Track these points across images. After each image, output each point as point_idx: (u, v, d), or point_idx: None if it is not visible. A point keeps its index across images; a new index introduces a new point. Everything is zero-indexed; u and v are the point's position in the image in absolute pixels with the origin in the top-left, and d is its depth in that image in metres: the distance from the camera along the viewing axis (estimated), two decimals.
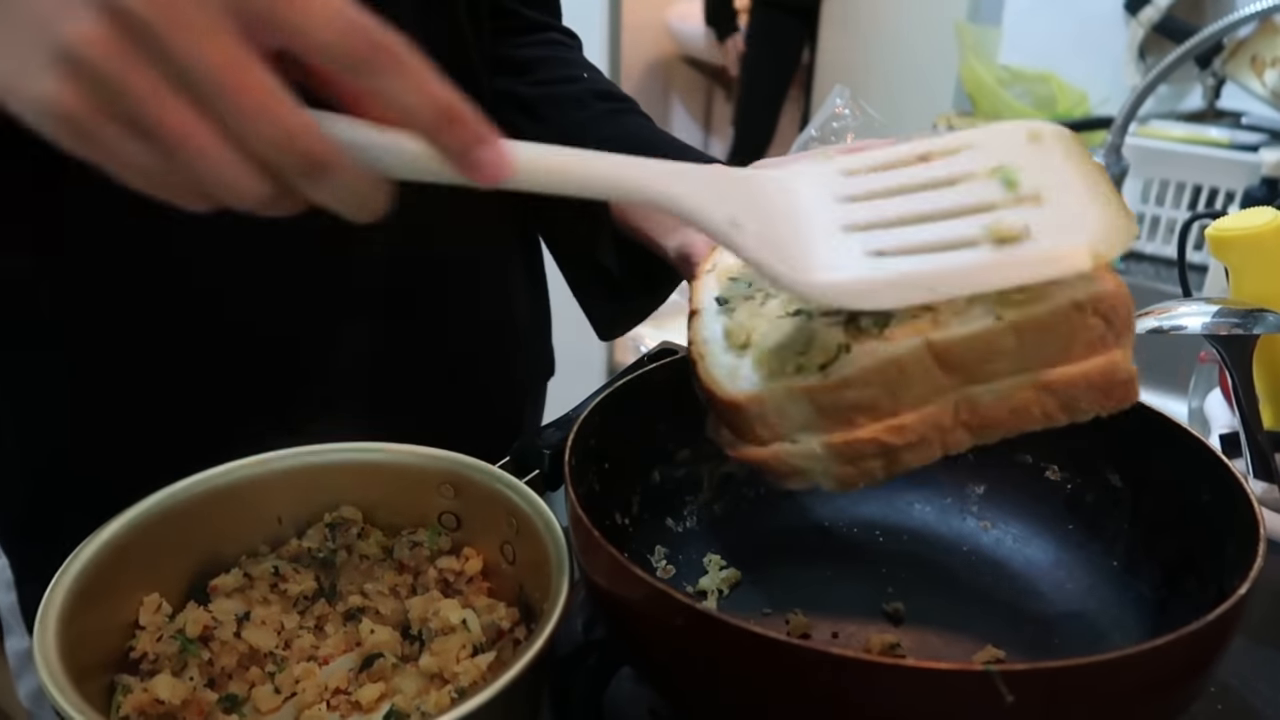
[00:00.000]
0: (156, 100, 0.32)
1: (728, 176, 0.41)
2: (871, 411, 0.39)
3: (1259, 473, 0.69)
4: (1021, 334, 0.38)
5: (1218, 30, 1.08)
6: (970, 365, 0.39)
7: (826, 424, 0.40)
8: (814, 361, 0.41)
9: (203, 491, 0.56)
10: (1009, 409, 0.39)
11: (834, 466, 0.40)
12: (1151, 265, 1.48)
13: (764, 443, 0.42)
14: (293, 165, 0.34)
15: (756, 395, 0.41)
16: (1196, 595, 0.50)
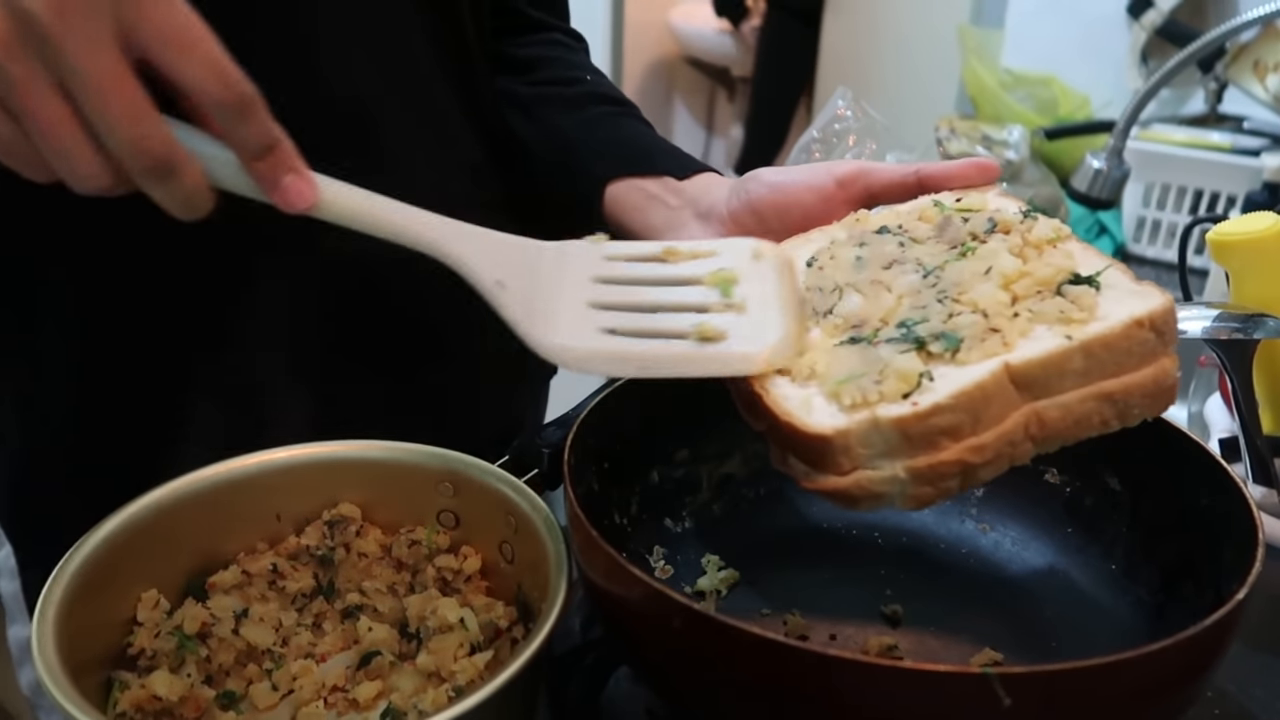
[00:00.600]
0: (35, 91, 0.38)
1: (504, 242, 0.49)
2: (955, 434, 0.41)
3: (1258, 477, 0.69)
4: (1090, 352, 0.41)
5: (1220, 35, 1.08)
6: (1042, 383, 0.41)
7: (911, 449, 0.41)
8: (894, 390, 0.41)
9: (202, 488, 0.56)
10: (1073, 420, 0.42)
11: (912, 488, 0.42)
12: (1152, 269, 1.48)
13: (845, 472, 0.42)
14: (141, 168, 0.40)
15: (843, 429, 0.41)
16: (1194, 600, 0.50)
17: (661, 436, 0.62)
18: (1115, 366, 0.41)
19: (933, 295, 0.46)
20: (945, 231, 0.50)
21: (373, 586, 0.57)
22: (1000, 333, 0.42)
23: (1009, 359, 0.41)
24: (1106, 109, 1.69)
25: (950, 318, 0.44)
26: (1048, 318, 0.43)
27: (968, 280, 0.46)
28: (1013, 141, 1.55)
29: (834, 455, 0.42)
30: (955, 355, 0.42)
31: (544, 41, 0.80)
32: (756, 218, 0.58)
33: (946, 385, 0.41)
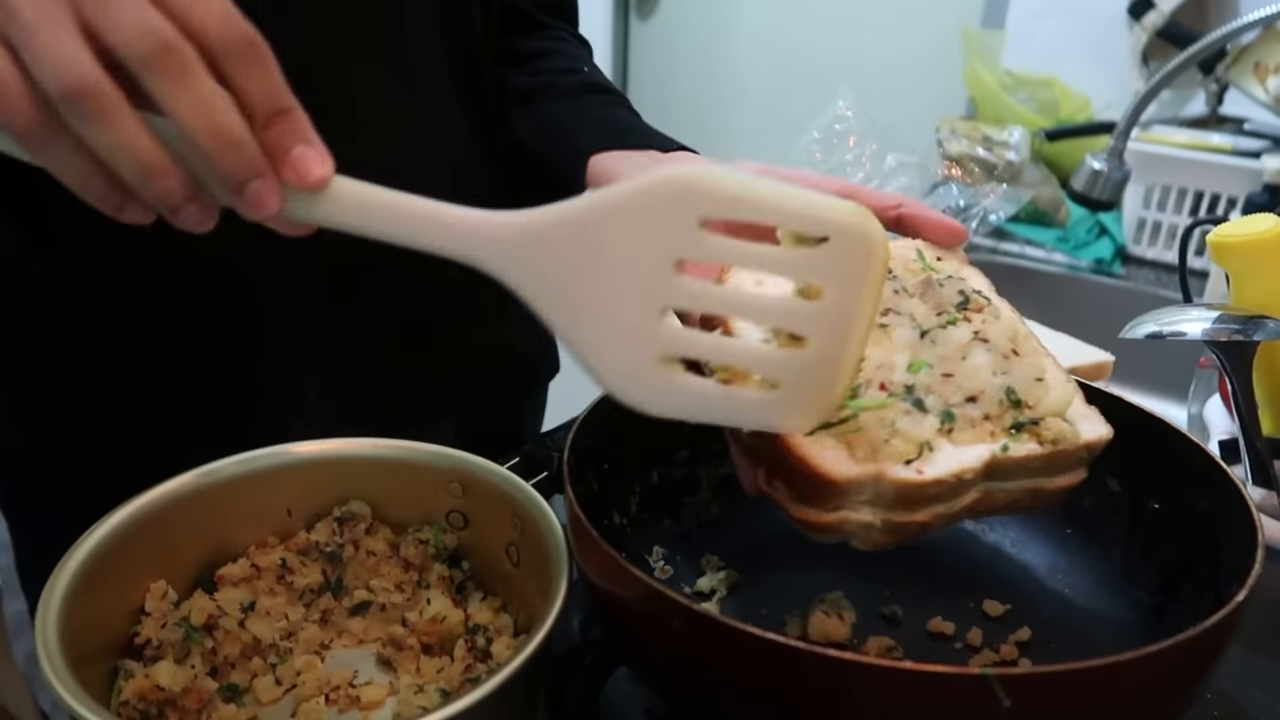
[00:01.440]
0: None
1: (526, 234, 0.40)
2: (934, 501, 0.46)
3: (1258, 479, 0.69)
4: (1049, 462, 0.47)
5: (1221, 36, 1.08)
6: (1003, 474, 0.47)
7: (897, 506, 0.45)
8: (899, 451, 0.45)
9: (214, 481, 0.57)
10: (1007, 501, 0.48)
11: (878, 534, 0.46)
12: (1152, 270, 1.48)
13: (830, 511, 0.45)
14: (60, 85, 0.35)
15: (855, 478, 0.44)
16: (1194, 601, 0.50)
17: (661, 436, 0.62)
18: (1054, 471, 0.48)
19: (928, 357, 0.49)
20: (928, 293, 0.53)
21: (380, 584, 0.58)
22: (991, 421, 0.47)
23: (996, 452, 0.46)
24: (1107, 110, 1.69)
25: (947, 393, 0.48)
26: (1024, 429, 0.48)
27: (954, 357, 0.50)
28: (1013, 142, 1.55)
29: (829, 497, 0.45)
30: (950, 433, 0.47)
31: (549, 38, 0.82)
32: None
33: (944, 460, 0.45)
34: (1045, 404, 0.48)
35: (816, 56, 2.30)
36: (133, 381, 0.70)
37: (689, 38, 2.51)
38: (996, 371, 0.49)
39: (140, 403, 0.70)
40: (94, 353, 0.69)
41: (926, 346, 0.50)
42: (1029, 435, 0.47)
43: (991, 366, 0.49)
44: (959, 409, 0.47)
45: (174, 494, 0.55)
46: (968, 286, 0.54)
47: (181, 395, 0.71)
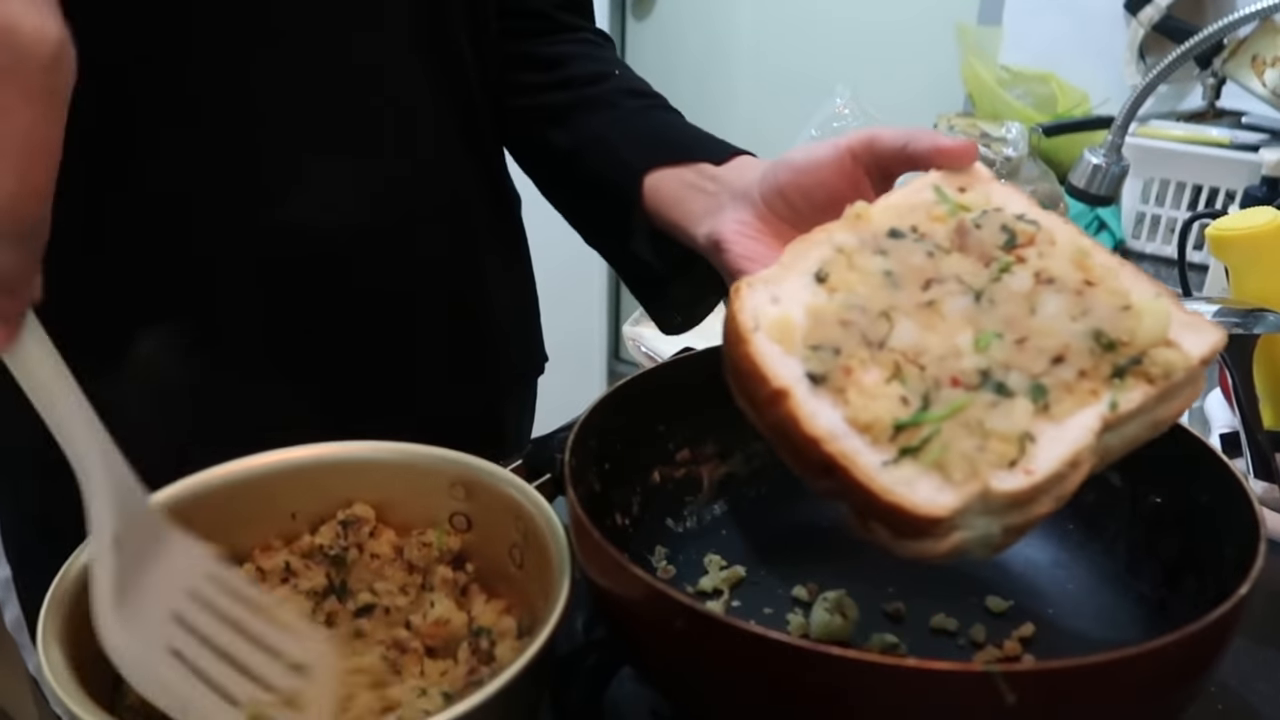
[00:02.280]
0: None
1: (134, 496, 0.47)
2: (1050, 491, 0.41)
3: (1259, 472, 0.69)
4: (1164, 397, 0.42)
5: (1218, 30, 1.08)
6: (1117, 427, 0.42)
7: (1011, 513, 0.40)
8: (999, 456, 0.40)
9: (217, 485, 0.57)
10: (1125, 446, 0.43)
11: (999, 540, 0.41)
12: (1151, 265, 1.48)
13: (941, 539, 0.40)
14: None
15: (958, 509, 0.39)
16: (1196, 595, 0.50)
17: (662, 436, 0.62)
18: (1169, 399, 0.43)
19: (992, 324, 0.43)
20: (966, 241, 0.47)
21: (384, 588, 0.58)
22: (1088, 378, 0.42)
23: (1104, 413, 0.41)
24: (1105, 105, 1.69)
25: (1027, 363, 0.42)
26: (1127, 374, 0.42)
27: (1021, 315, 0.44)
28: (1011, 138, 1.55)
29: (939, 529, 0.40)
30: (1047, 409, 0.41)
31: (571, 40, 0.81)
32: (785, 201, 0.58)
33: (1051, 448, 0.40)
34: (1142, 334, 0.42)
35: (813, 54, 2.31)
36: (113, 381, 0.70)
37: (686, 37, 2.51)
38: (1075, 315, 0.43)
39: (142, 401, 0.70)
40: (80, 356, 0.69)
41: (986, 310, 0.44)
42: (1135, 378, 0.42)
43: (1068, 311, 0.43)
44: (1047, 377, 0.41)
45: (176, 497, 0.55)
46: (1007, 216, 0.48)
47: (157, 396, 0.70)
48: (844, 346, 0.43)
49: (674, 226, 0.66)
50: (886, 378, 0.42)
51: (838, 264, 0.47)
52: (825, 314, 0.45)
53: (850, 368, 0.42)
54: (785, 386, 0.42)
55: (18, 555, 0.78)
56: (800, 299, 0.46)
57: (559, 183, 0.81)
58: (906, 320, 0.44)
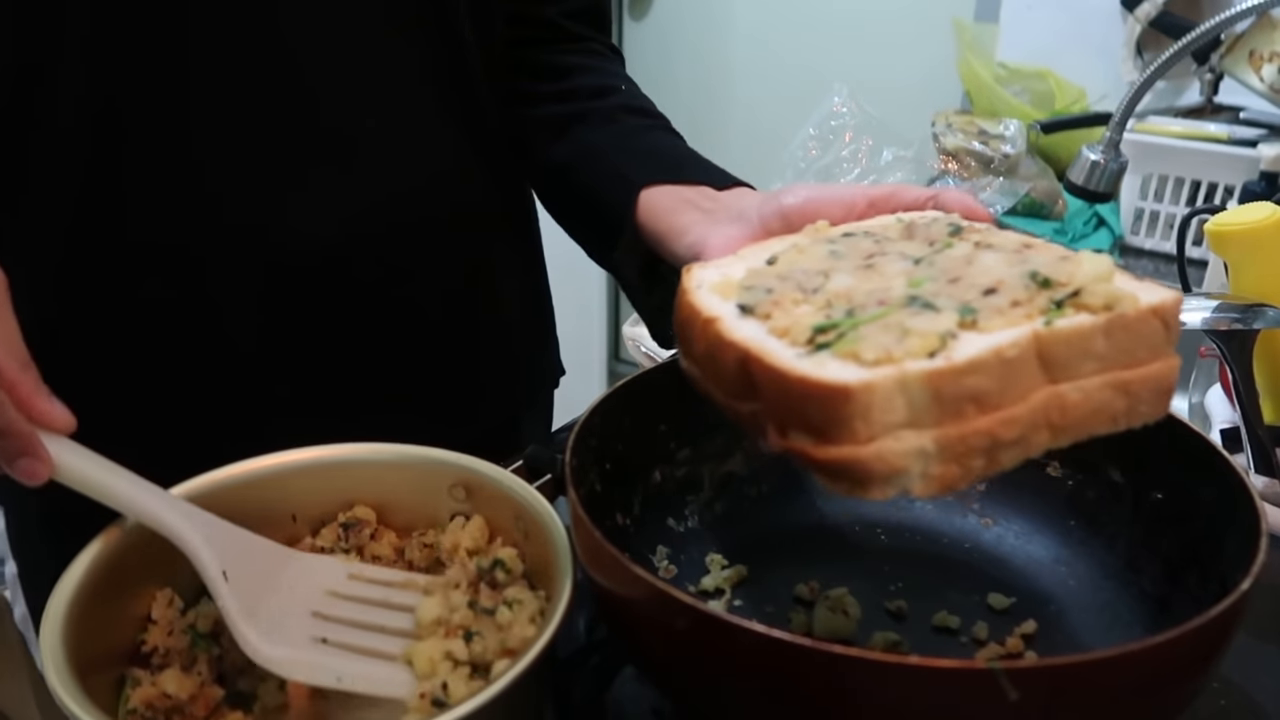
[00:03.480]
0: None
1: (244, 539, 0.53)
2: (983, 403, 0.38)
3: (1260, 468, 0.69)
4: (1111, 334, 0.39)
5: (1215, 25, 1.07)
6: (1064, 362, 0.39)
7: (940, 415, 0.38)
8: (918, 348, 0.38)
9: (218, 488, 0.57)
10: (1091, 408, 0.40)
11: (936, 466, 0.38)
12: (1150, 261, 1.48)
13: (861, 442, 0.37)
14: None
15: (868, 383, 0.36)
16: (1198, 591, 0.50)
17: (663, 436, 0.62)
18: (1130, 357, 0.40)
19: (930, 274, 0.43)
20: (914, 233, 0.49)
21: None
22: (1021, 306, 0.40)
23: (1038, 329, 0.39)
24: (1102, 102, 1.69)
25: (959, 293, 0.41)
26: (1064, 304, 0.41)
27: (958, 268, 0.44)
28: (1009, 135, 1.55)
29: (852, 419, 0.37)
30: (975, 324, 0.39)
31: (580, 50, 0.80)
32: (784, 223, 0.58)
33: (973, 345, 0.38)
34: (1082, 274, 0.41)
35: (811, 53, 2.30)
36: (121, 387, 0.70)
37: (683, 37, 2.51)
38: (1012, 265, 0.42)
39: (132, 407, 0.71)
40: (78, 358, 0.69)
41: (924, 269, 0.44)
42: (1074, 308, 0.40)
43: (1006, 261, 0.43)
44: (977, 302, 0.40)
45: None
46: (956, 218, 0.49)
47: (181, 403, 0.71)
48: (777, 289, 0.45)
49: (660, 237, 0.66)
50: (815, 308, 0.43)
51: (789, 252, 0.50)
52: (764, 272, 0.48)
53: (779, 300, 0.43)
54: (715, 315, 0.44)
55: (25, 552, 0.79)
56: (746, 269, 0.49)
57: (555, 192, 0.80)
58: (843, 274, 0.45)
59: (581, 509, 0.48)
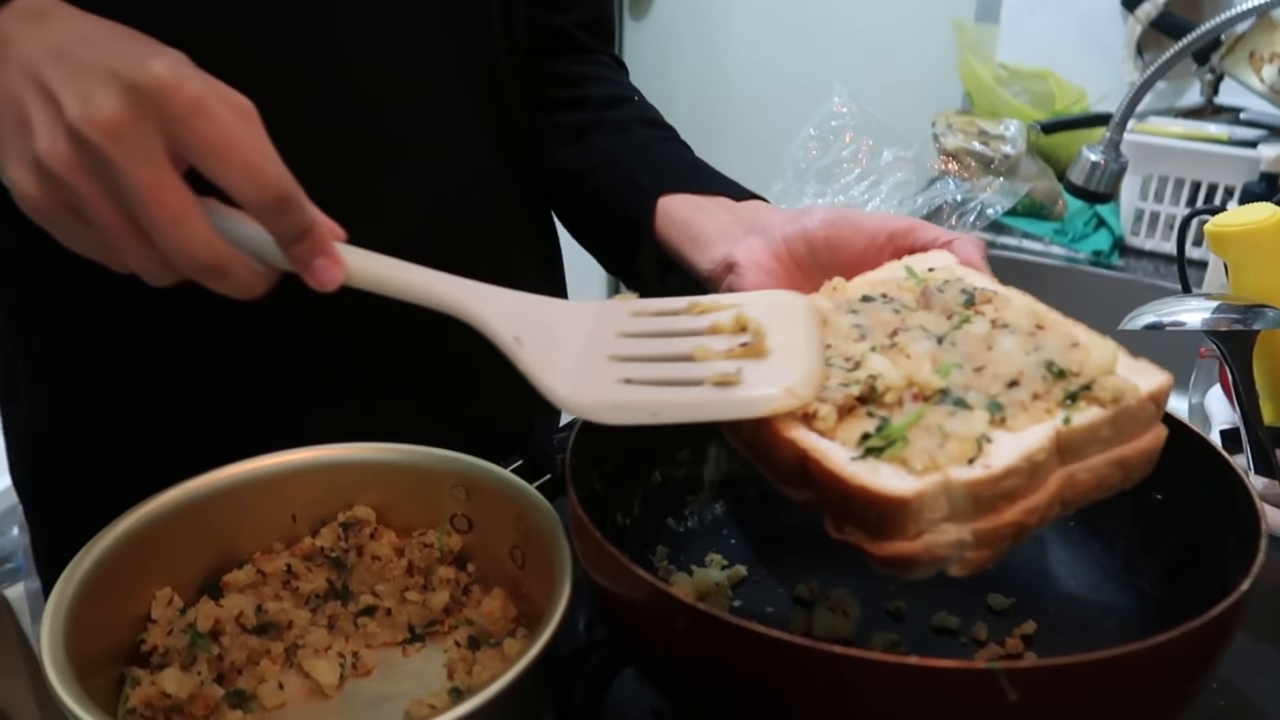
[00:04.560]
0: (97, 205, 0.42)
1: (523, 301, 0.51)
2: (1014, 497, 0.43)
3: (1260, 468, 0.69)
4: (1116, 423, 0.44)
5: (1215, 26, 1.08)
6: (1076, 449, 0.44)
7: (977, 513, 0.42)
8: (959, 453, 0.43)
9: (219, 488, 0.57)
10: (1095, 483, 0.45)
11: (972, 551, 0.43)
12: (1151, 261, 1.48)
13: (912, 538, 0.42)
14: (188, 270, 0.43)
15: (920, 492, 0.41)
16: (1198, 591, 0.50)
17: (663, 436, 0.62)
18: (1128, 435, 0.45)
19: (953, 359, 0.47)
20: (930, 301, 0.51)
21: (386, 589, 0.58)
22: (1041, 399, 0.45)
23: (1059, 426, 0.43)
24: (1103, 102, 1.69)
25: (985, 386, 0.46)
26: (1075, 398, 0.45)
27: (979, 351, 0.48)
28: (1009, 136, 1.55)
29: (906, 520, 0.42)
30: (1004, 422, 0.44)
31: (591, 61, 0.82)
32: (808, 246, 0.59)
33: (1006, 449, 0.43)
34: (1091, 365, 0.45)
35: (811, 54, 2.30)
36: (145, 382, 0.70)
37: (683, 38, 2.51)
38: (1028, 350, 0.47)
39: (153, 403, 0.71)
40: (106, 356, 0.70)
41: (948, 350, 0.48)
42: (1086, 401, 0.45)
43: (1021, 347, 0.47)
44: (1003, 396, 0.45)
45: (178, 501, 0.55)
46: (968, 284, 0.53)
47: (197, 395, 0.71)
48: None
49: (678, 245, 0.66)
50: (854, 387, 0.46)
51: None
52: None
53: (824, 398, 0.46)
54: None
55: (48, 572, 0.79)
56: None
57: (567, 198, 0.81)
58: (874, 356, 0.48)
59: (581, 509, 0.48)
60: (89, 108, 0.41)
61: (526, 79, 0.79)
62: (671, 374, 0.47)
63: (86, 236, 0.44)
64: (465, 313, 0.49)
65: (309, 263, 0.45)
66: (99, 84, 0.41)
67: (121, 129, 0.41)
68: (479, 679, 0.52)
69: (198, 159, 0.42)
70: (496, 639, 0.55)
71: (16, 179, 0.43)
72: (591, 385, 0.47)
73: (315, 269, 0.45)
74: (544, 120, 0.79)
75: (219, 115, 0.42)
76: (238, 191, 0.42)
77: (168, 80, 0.41)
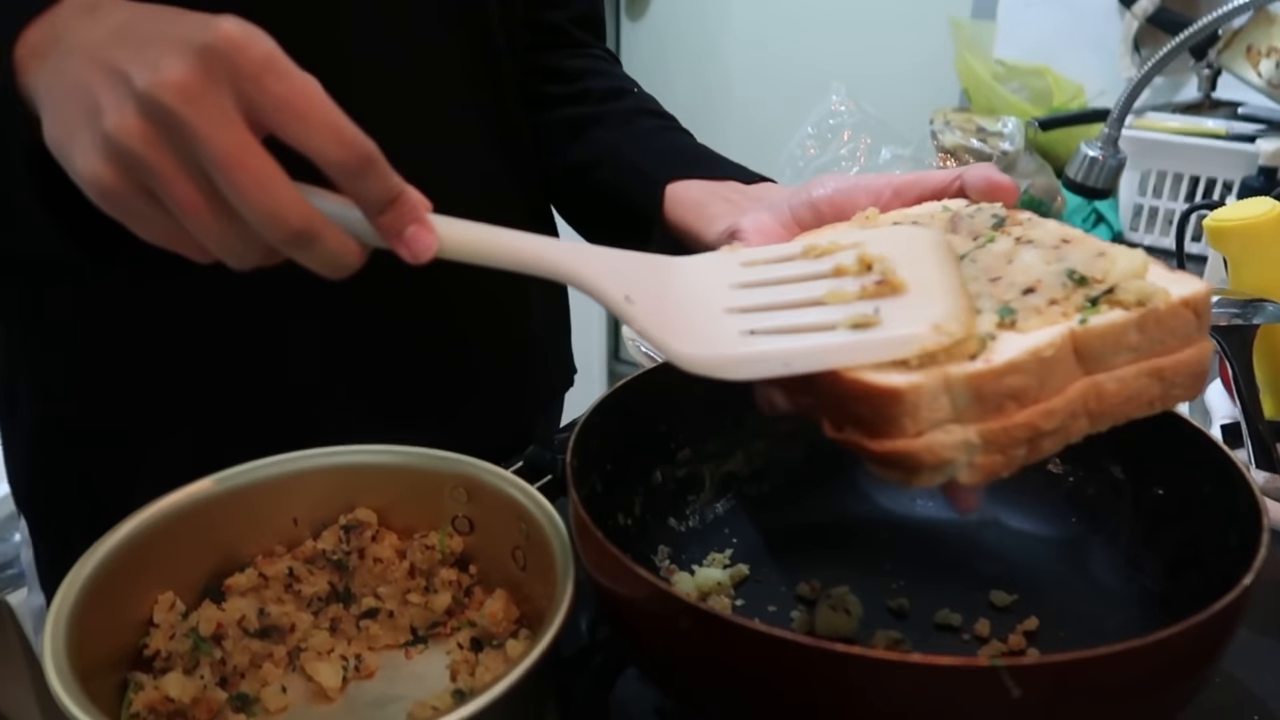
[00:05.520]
0: (172, 180, 0.39)
1: (628, 259, 0.48)
2: (1022, 398, 0.40)
3: (1261, 462, 0.69)
4: (1144, 328, 0.42)
5: (1212, 21, 1.07)
6: (1099, 355, 0.41)
7: (978, 413, 0.40)
8: (960, 350, 0.41)
9: (220, 491, 0.57)
10: (1126, 395, 0.42)
11: (980, 456, 0.41)
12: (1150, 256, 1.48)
13: (911, 436, 0.40)
14: (280, 238, 0.40)
15: (915, 384, 0.40)
16: (1200, 586, 0.50)
17: (663, 436, 0.62)
18: (1163, 345, 0.42)
19: (972, 273, 0.46)
20: (958, 226, 0.50)
21: (388, 591, 0.58)
22: (1058, 304, 0.42)
23: (1074, 327, 0.41)
24: (1100, 98, 1.69)
25: (998, 293, 0.44)
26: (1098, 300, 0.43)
27: (999, 265, 0.46)
28: (1007, 133, 1.55)
29: (901, 416, 0.40)
30: (1014, 325, 0.42)
31: (587, 56, 0.82)
32: (813, 211, 0.59)
33: (1011, 346, 0.41)
34: (1116, 271, 0.43)
35: (808, 52, 2.30)
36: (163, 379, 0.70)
37: (680, 37, 2.51)
38: (1049, 262, 0.45)
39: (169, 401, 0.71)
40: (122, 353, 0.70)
41: (967, 266, 0.46)
42: (1108, 304, 0.42)
43: (1043, 259, 0.45)
44: (1016, 302, 0.43)
45: (180, 506, 0.55)
46: (999, 210, 0.50)
47: (211, 395, 0.71)
48: None
49: (688, 229, 0.66)
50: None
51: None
52: None
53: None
54: None
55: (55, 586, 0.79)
56: None
57: (573, 193, 0.81)
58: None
59: (583, 509, 0.48)
60: (158, 73, 0.38)
61: (524, 76, 0.79)
62: (799, 321, 0.44)
63: (161, 222, 0.41)
64: (570, 276, 0.45)
65: (400, 232, 0.42)
66: (167, 50, 0.39)
67: (194, 90, 0.38)
68: (482, 680, 0.52)
69: (276, 118, 0.39)
70: (499, 640, 0.55)
71: (84, 166, 0.40)
72: (714, 341, 0.44)
73: (407, 238, 0.42)
74: (544, 117, 0.79)
75: (293, 73, 0.40)
76: (320, 152, 0.40)
77: (238, 37, 0.38)
